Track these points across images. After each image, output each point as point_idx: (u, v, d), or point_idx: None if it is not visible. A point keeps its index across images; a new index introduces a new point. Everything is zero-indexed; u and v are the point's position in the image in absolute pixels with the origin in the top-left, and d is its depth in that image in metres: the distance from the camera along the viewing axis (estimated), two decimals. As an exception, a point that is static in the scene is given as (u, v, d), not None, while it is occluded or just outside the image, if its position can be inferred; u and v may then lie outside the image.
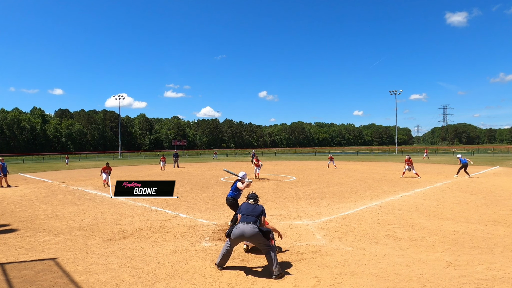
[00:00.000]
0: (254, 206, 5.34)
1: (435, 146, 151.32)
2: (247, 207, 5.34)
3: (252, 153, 21.25)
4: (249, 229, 4.91)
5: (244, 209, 5.32)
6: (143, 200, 11.80)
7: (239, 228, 4.97)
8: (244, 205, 5.44)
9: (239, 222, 5.13)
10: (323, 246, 6.21)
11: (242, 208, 5.38)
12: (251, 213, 5.18)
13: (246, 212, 5.21)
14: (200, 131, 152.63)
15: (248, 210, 5.24)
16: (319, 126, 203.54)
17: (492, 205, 10.01)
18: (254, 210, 5.25)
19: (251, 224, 5.00)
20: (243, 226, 4.98)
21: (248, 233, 4.89)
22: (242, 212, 5.26)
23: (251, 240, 4.97)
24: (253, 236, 4.91)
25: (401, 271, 4.89)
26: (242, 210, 5.35)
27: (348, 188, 14.20)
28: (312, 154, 68.90)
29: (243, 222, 5.05)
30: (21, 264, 5.39)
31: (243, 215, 5.19)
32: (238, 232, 4.94)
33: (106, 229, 7.72)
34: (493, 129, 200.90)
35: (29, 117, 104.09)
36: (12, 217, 9.29)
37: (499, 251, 5.77)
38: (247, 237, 4.91)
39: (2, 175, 16.26)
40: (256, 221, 5.11)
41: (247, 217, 5.12)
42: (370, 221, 8.12)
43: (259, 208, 5.31)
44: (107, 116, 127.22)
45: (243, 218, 5.13)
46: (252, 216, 5.13)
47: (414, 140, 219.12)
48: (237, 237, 4.98)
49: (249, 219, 5.07)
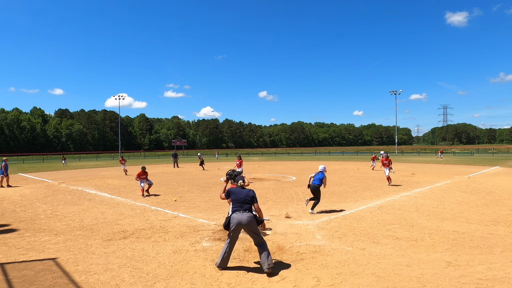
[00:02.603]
0: (246, 191, 5.26)
1: (435, 146, 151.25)
2: (239, 192, 5.25)
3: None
4: (245, 217, 4.96)
5: (236, 195, 5.22)
6: (143, 200, 11.81)
7: (236, 218, 4.97)
8: (235, 190, 5.32)
9: (234, 212, 5.07)
10: (323, 246, 6.21)
11: (234, 193, 5.27)
12: (245, 200, 5.14)
13: (239, 200, 5.14)
14: (200, 131, 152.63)
15: (241, 197, 5.16)
16: (319, 126, 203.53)
17: (492, 205, 10.00)
18: (247, 196, 5.19)
19: (247, 212, 5.03)
20: (239, 215, 4.98)
21: (245, 220, 4.94)
22: (235, 200, 5.17)
23: (247, 227, 4.98)
24: (249, 223, 4.95)
25: (401, 271, 4.89)
26: (234, 196, 5.23)
27: (348, 188, 14.20)
28: (312, 154, 68.86)
29: (239, 211, 5.04)
30: (21, 264, 5.39)
31: (237, 203, 5.13)
32: (236, 221, 4.95)
33: (106, 229, 7.72)
34: (493, 129, 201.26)
35: (29, 117, 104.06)
36: (12, 217, 9.29)
37: (499, 251, 5.77)
38: (244, 224, 4.95)
39: (4, 175, 16.34)
40: (251, 209, 5.13)
41: (242, 205, 5.10)
42: (370, 221, 8.11)
43: (251, 194, 5.24)
44: (107, 116, 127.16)
45: (238, 207, 5.09)
46: (246, 203, 5.12)
47: (414, 140, 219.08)
48: (235, 226, 4.95)
49: (245, 207, 5.08)
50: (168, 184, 16.96)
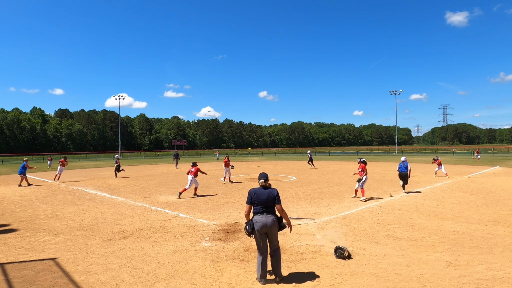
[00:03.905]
0: (269, 191, 4.73)
1: (435, 146, 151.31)
2: (262, 193, 4.72)
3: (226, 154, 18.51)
4: (270, 220, 4.62)
5: (258, 196, 4.71)
6: (143, 200, 11.81)
7: (260, 222, 4.59)
8: (257, 191, 4.76)
9: (256, 214, 4.67)
10: (323, 246, 6.21)
11: (256, 194, 4.73)
12: (267, 201, 4.67)
13: (262, 202, 4.67)
14: (200, 131, 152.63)
15: (263, 198, 4.67)
16: (319, 126, 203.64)
17: (492, 205, 10.00)
18: (269, 197, 4.68)
19: (271, 215, 4.67)
20: (263, 218, 4.61)
21: (269, 223, 4.61)
22: (257, 202, 4.69)
23: (270, 230, 4.63)
24: (272, 227, 4.63)
25: (401, 271, 4.89)
26: (256, 197, 4.72)
27: (348, 188, 14.19)
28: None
29: (262, 213, 4.65)
30: (21, 264, 5.39)
31: (259, 205, 4.68)
32: (260, 224, 4.58)
33: (106, 229, 7.72)
34: (493, 129, 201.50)
35: (29, 117, 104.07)
36: (12, 217, 9.29)
37: (499, 251, 5.77)
38: (268, 226, 4.62)
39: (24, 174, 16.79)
40: (274, 210, 4.75)
41: (266, 208, 4.67)
42: (370, 221, 8.11)
43: (274, 193, 4.72)
44: (107, 116, 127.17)
45: (260, 210, 4.67)
46: (270, 206, 4.69)
47: (414, 140, 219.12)
48: (260, 229, 4.58)
49: (269, 210, 4.68)
50: (168, 184, 16.96)
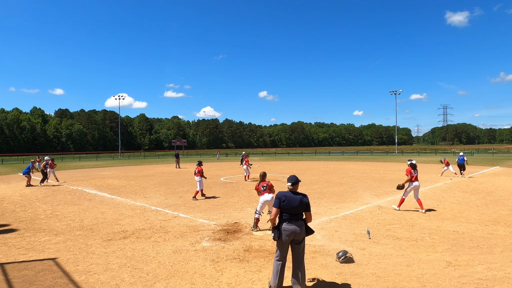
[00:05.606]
0: (301, 197, 4.37)
1: (435, 146, 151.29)
2: (293, 200, 4.33)
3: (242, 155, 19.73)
4: (299, 228, 4.31)
5: (290, 202, 4.31)
6: (143, 200, 11.81)
7: (289, 230, 4.27)
8: (288, 196, 4.37)
9: (285, 222, 4.31)
10: (323, 246, 6.21)
11: (287, 199, 4.33)
12: (299, 209, 4.33)
13: (293, 209, 4.30)
14: (200, 131, 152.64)
15: (295, 205, 4.30)
16: (319, 126, 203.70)
17: (492, 205, 10.00)
18: (302, 203, 4.34)
19: (300, 221, 4.35)
20: (293, 227, 4.28)
21: (298, 231, 4.29)
22: (288, 208, 4.30)
23: (299, 236, 4.32)
24: (302, 234, 4.33)
25: (401, 271, 4.89)
26: (287, 203, 4.31)
27: (348, 188, 14.20)
28: (312, 154, 68.84)
29: (291, 221, 4.29)
30: (21, 264, 5.39)
31: (289, 213, 4.31)
32: (289, 232, 4.26)
33: (106, 229, 7.72)
34: (493, 129, 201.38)
35: (29, 117, 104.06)
36: (12, 217, 9.29)
37: (499, 251, 5.77)
38: (298, 233, 4.31)
39: (29, 175, 16.89)
40: (302, 216, 4.41)
41: (295, 215, 4.33)
42: (370, 221, 8.12)
43: (305, 200, 4.38)
44: (107, 116, 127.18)
45: (289, 217, 4.31)
46: (299, 213, 4.36)
47: (414, 140, 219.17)
48: (289, 237, 4.28)
49: (297, 217, 4.35)
50: (168, 184, 16.96)
